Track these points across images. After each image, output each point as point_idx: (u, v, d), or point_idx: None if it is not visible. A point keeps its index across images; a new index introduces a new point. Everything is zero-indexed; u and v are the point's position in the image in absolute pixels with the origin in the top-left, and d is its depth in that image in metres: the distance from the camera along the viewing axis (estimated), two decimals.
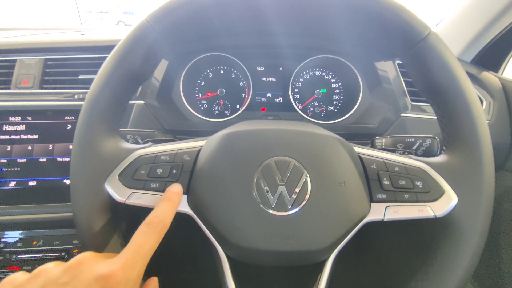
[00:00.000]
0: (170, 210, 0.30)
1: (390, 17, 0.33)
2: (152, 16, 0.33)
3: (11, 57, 0.59)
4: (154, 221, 0.29)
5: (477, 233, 0.30)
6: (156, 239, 0.28)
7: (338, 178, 0.31)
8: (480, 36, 0.66)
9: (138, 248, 0.27)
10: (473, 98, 0.31)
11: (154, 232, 0.28)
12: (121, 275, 0.24)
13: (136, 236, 0.28)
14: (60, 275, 0.24)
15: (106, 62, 0.33)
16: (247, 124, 0.35)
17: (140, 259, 0.26)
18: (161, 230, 0.29)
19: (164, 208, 0.30)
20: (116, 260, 0.26)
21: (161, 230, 0.29)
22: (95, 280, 0.24)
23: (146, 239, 0.27)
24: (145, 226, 0.28)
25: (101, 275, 0.24)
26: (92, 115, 0.32)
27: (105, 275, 0.24)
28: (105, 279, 0.24)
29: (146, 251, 0.27)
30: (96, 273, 0.24)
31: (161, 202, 0.31)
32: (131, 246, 0.27)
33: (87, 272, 0.24)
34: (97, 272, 0.24)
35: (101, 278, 0.24)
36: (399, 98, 0.60)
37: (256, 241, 0.30)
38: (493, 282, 0.65)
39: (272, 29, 0.46)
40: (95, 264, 0.25)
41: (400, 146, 0.43)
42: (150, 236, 0.28)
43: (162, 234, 0.29)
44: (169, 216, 0.30)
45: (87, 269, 0.25)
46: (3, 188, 0.54)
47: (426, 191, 0.32)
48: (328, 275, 0.32)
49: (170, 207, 0.31)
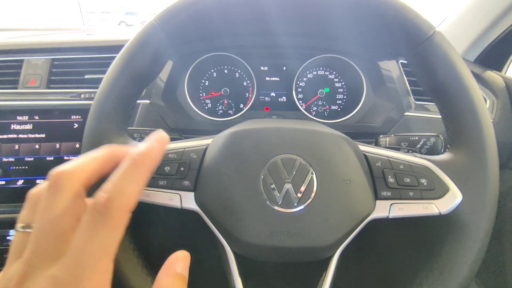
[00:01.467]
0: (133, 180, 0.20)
1: (394, 16, 0.33)
2: (161, 16, 0.33)
3: (19, 57, 0.59)
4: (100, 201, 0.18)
5: (482, 231, 0.31)
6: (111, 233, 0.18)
7: (343, 176, 0.32)
8: (483, 35, 0.66)
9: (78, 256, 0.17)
10: (478, 97, 0.32)
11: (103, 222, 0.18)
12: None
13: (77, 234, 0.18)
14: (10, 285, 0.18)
15: (114, 62, 0.34)
16: (253, 123, 0.36)
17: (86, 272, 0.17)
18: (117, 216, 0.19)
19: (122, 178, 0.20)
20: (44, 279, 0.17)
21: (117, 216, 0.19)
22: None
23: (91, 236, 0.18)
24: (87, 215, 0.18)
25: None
26: (101, 114, 0.33)
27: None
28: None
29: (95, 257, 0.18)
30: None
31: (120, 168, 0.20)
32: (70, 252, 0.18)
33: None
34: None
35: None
36: (403, 97, 0.60)
37: (263, 238, 0.30)
38: (497, 279, 0.65)
39: (276, 29, 0.46)
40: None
41: (404, 144, 0.43)
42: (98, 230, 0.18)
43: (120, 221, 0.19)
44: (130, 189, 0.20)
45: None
46: (11, 186, 0.55)
47: (430, 188, 0.32)
48: (333, 272, 0.32)
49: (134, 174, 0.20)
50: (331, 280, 0.32)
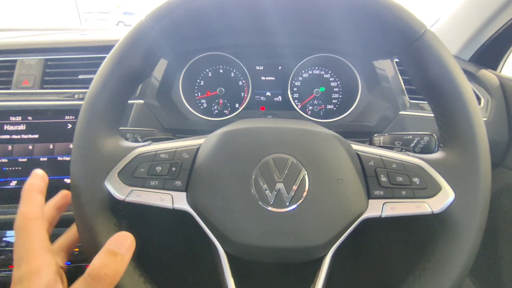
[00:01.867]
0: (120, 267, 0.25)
1: (387, 15, 0.33)
2: (151, 15, 0.33)
3: (12, 58, 0.59)
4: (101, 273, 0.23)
5: (474, 229, 0.31)
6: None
7: (335, 175, 0.32)
8: (478, 34, 0.66)
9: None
10: (469, 96, 0.32)
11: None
12: None
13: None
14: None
15: (105, 62, 0.33)
16: (246, 122, 0.35)
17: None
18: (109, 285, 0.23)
19: (112, 262, 0.24)
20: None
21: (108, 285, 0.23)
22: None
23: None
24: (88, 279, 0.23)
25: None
26: (92, 114, 0.32)
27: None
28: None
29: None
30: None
31: (107, 254, 0.25)
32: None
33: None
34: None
35: None
36: (398, 96, 0.60)
37: (255, 238, 0.30)
38: (491, 277, 0.65)
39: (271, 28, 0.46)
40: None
41: (398, 143, 0.43)
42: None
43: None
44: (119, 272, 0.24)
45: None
46: (4, 188, 0.55)
47: (423, 187, 0.32)
48: (326, 271, 0.32)
49: (120, 263, 0.25)
50: (324, 279, 0.32)
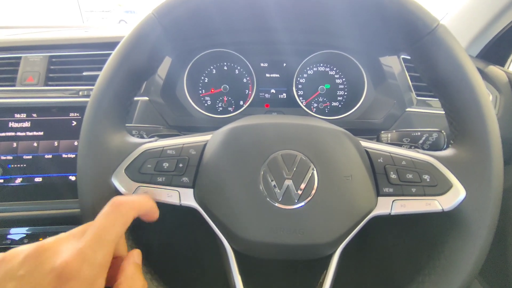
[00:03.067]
0: (143, 202, 0.29)
1: (396, 9, 0.32)
2: (158, 10, 0.33)
3: (16, 55, 0.59)
4: (122, 202, 0.27)
5: (485, 227, 0.30)
6: (121, 223, 0.26)
7: (344, 172, 0.31)
8: (486, 30, 0.65)
9: (97, 233, 0.24)
10: (482, 92, 0.31)
11: (118, 214, 0.26)
12: (75, 266, 0.22)
13: (97, 219, 0.25)
14: (19, 266, 0.22)
15: (111, 58, 0.33)
16: (253, 119, 0.35)
17: (100, 245, 0.24)
18: (127, 212, 0.27)
19: (137, 197, 0.29)
20: (72, 248, 0.23)
21: (126, 212, 0.27)
22: (49, 273, 0.22)
23: (107, 222, 0.25)
24: (110, 207, 0.26)
25: (55, 267, 0.22)
26: (98, 110, 0.32)
27: (59, 266, 0.22)
28: (57, 271, 0.22)
29: (108, 236, 0.25)
30: (51, 264, 0.22)
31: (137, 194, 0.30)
32: (90, 231, 0.24)
33: (44, 263, 0.22)
34: (52, 263, 0.22)
35: (54, 271, 0.22)
36: (404, 93, 0.60)
37: (263, 235, 0.30)
38: (500, 277, 0.64)
39: (276, 25, 0.46)
40: (53, 253, 0.23)
41: (406, 140, 0.43)
42: (114, 218, 0.26)
43: (128, 216, 0.27)
44: (137, 198, 0.29)
45: (45, 259, 0.23)
46: (9, 185, 0.55)
47: (433, 184, 0.31)
48: (334, 269, 0.32)
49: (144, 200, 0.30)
50: (332, 278, 0.31)
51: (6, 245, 0.56)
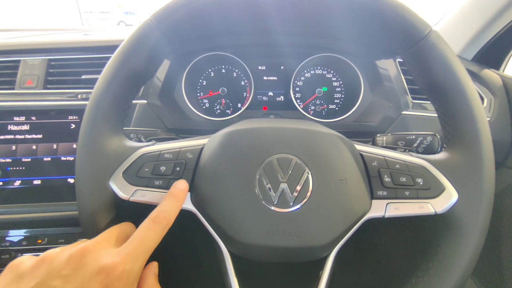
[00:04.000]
0: (175, 207, 0.31)
1: (391, 15, 0.33)
2: (156, 15, 0.33)
3: (15, 58, 0.59)
4: (159, 216, 0.29)
5: (477, 230, 0.31)
6: (160, 234, 0.28)
7: (339, 175, 0.32)
8: (481, 34, 0.66)
9: (141, 241, 0.27)
10: (473, 96, 0.32)
11: (158, 228, 0.28)
12: (122, 268, 0.24)
13: (140, 229, 0.28)
14: (63, 265, 0.24)
15: (110, 62, 0.33)
16: (249, 123, 0.36)
17: (142, 252, 0.27)
18: (165, 226, 0.29)
19: (169, 204, 0.30)
20: (119, 252, 0.26)
21: (165, 226, 0.29)
22: (97, 273, 0.24)
23: (150, 233, 0.28)
24: (150, 221, 0.29)
25: (103, 267, 0.24)
26: (97, 114, 0.32)
27: (107, 267, 0.24)
28: (106, 272, 0.24)
29: (149, 245, 0.27)
30: (98, 265, 0.24)
31: (167, 198, 0.31)
32: (134, 238, 0.27)
33: (89, 264, 0.24)
34: (99, 264, 0.24)
35: (102, 271, 0.24)
36: (400, 96, 0.60)
37: (259, 238, 0.30)
38: (494, 278, 0.65)
39: (274, 28, 0.46)
40: (97, 255, 0.25)
41: (401, 143, 0.43)
42: (154, 231, 0.28)
43: (165, 229, 0.29)
44: (174, 212, 0.30)
45: (90, 260, 0.24)
46: (8, 187, 0.55)
47: (426, 188, 0.32)
48: (329, 271, 0.32)
49: (175, 203, 0.31)
50: (327, 279, 0.32)
51: (4, 247, 0.57)
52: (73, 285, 0.23)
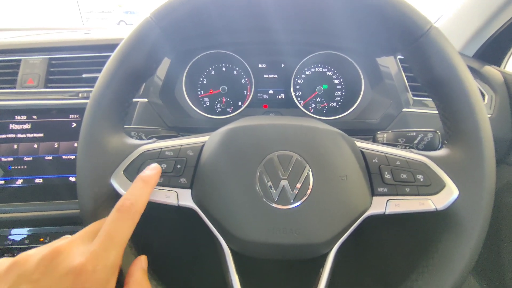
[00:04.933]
0: (144, 192, 0.29)
1: (391, 11, 0.33)
2: (156, 13, 0.33)
3: (16, 57, 0.59)
4: (125, 204, 0.27)
5: (478, 226, 0.31)
6: (129, 224, 0.27)
7: (339, 172, 0.32)
8: (482, 30, 0.66)
9: (108, 235, 0.25)
10: (474, 92, 0.31)
11: (125, 217, 0.27)
12: (90, 267, 0.23)
13: (106, 223, 0.26)
14: (34, 269, 0.23)
15: (110, 60, 0.33)
16: (250, 120, 0.36)
17: (112, 246, 0.25)
18: (134, 214, 0.27)
19: (136, 190, 0.29)
20: (86, 251, 0.24)
21: (134, 214, 0.27)
22: (65, 275, 0.23)
23: (117, 224, 0.26)
24: (115, 212, 0.27)
25: (71, 269, 0.23)
26: (97, 112, 0.33)
27: (75, 268, 0.23)
28: (74, 274, 0.23)
29: (118, 237, 0.26)
30: (68, 267, 0.23)
31: (134, 183, 0.29)
32: (101, 233, 0.25)
33: (59, 266, 0.23)
34: (68, 265, 0.23)
35: (71, 273, 0.23)
36: (401, 93, 0.60)
37: (259, 235, 0.30)
38: (494, 275, 0.65)
39: (274, 25, 0.46)
40: (68, 256, 0.24)
41: (402, 140, 0.43)
42: (121, 221, 0.26)
43: (135, 217, 0.27)
44: (142, 198, 0.28)
45: (60, 262, 0.23)
46: (10, 186, 0.55)
47: (427, 184, 0.32)
48: (330, 268, 0.32)
49: (144, 188, 0.29)
50: (328, 276, 0.32)
51: (7, 246, 0.57)
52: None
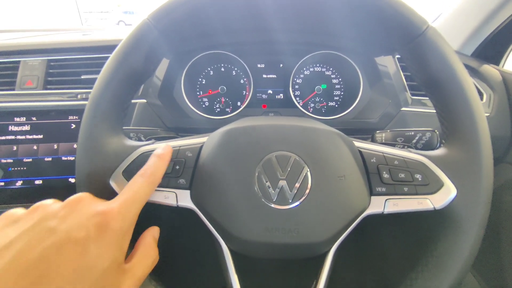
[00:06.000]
0: (161, 164, 0.32)
1: (388, 11, 0.33)
2: (153, 14, 0.33)
3: (15, 59, 0.59)
4: (147, 172, 0.30)
5: (476, 225, 0.31)
6: (149, 188, 0.30)
7: (338, 172, 0.32)
8: (480, 29, 0.66)
9: (133, 192, 0.28)
10: (471, 91, 0.32)
11: (147, 181, 0.30)
12: (117, 212, 0.26)
13: (131, 183, 0.29)
14: (59, 209, 0.25)
15: (108, 61, 0.34)
16: (248, 120, 0.36)
17: (135, 201, 0.28)
18: (154, 181, 0.31)
19: (155, 162, 0.32)
20: (113, 201, 0.27)
21: (153, 180, 0.31)
22: (93, 215, 0.24)
23: (140, 185, 0.29)
24: (139, 176, 0.30)
25: (99, 211, 0.25)
26: (96, 113, 0.33)
27: (104, 211, 0.25)
28: (103, 214, 0.25)
29: (140, 195, 0.28)
30: (95, 209, 0.25)
31: (152, 158, 0.32)
32: (126, 190, 0.28)
33: (85, 208, 0.25)
34: (95, 208, 0.25)
35: (99, 213, 0.25)
36: (400, 93, 0.60)
37: (258, 234, 0.31)
38: (494, 273, 0.65)
39: (272, 25, 0.46)
40: (93, 202, 0.26)
41: (400, 140, 0.44)
42: (143, 184, 0.29)
43: (154, 184, 0.31)
44: (160, 169, 0.32)
45: (86, 205, 0.25)
46: (10, 188, 0.55)
47: (425, 183, 0.32)
48: (329, 268, 0.32)
49: (160, 161, 0.32)
50: (326, 276, 0.32)
51: None
52: (69, 223, 0.23)
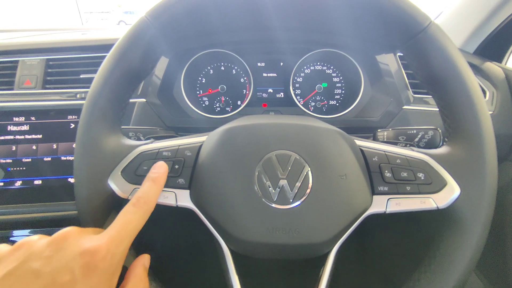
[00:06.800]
0: (154, 190, 0.31)
1: (389, 8, 0.32)
2: (151, 12, 0.33)
3: (14, 58, 0.59)
4: (140, 201, 0.29)
5: (480, 224, 0.30)
6: (142, 218, 0.29)
7: (339, 171, 0.31)
8: (482, 26, 0.65)
9: (123, 225, 0.27)
10: (474, 89, 0.31)
11: (139, 212, 0.29)
12: (105, 250, 0.24)
13: (122, 214, 0.28)
14: (44, 248, 0.23)
15: (105, 60, 0.33)
16: (248, 119, 0.35)
17: (125, 235, 0.27)
18: (147, 210, 0.29)
19: (149, 188, 0.31)
20: (102, 236, 0.26)
21: (146, 210, 0.29)
22: (80, 254, 0.23)
23: (131, 217, 0.28)
24: (131, 206, 0.29)
25: (86, 249, 0.24)
26: (93, 113, 0.32)
27: (91, 249, 0.24)
28: (90, 254, 0.23)
29: (131, 229, 0.27)
30: (81, 247, 0.24)
31: (146, 182, 0.31)
32: (116, 223, 0.27)
33: (72, 246, 0.24)
34: (82, 246, 0.24)
35: (86, 252, 0.23)
36: (401, 91, 0.60)
37: (259, 235, 0.30)
38: (498, 272, 0.64)
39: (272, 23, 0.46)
40: (80, 239, 0.25)
41: (402, 138, 0.43)
42: (136, 215, 0.28)
43: (147, 214, 0.29)
44: (154, 196, 0.30)
45: (72, 243, 0.24)
46: (10, 188, 0.55)
47: (428, 182, 0.31)
48: (330, 268, 0.32)
49: (155, 186, 0.31)
50: (328, 276, 0.32)
51: None
52: (54, 266, 0.22)
